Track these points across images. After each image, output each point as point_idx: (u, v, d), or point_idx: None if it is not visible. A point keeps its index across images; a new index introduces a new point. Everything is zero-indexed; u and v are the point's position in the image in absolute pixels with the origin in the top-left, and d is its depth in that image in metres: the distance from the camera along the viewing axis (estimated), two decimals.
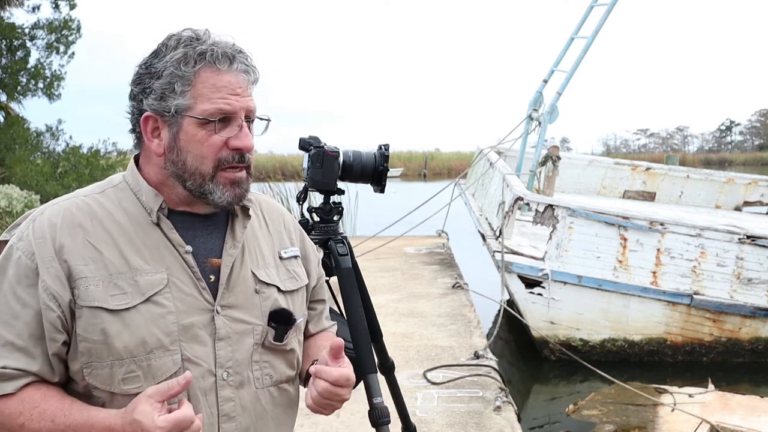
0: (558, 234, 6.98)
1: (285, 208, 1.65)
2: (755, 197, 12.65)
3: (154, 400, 1.20)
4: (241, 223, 1.44)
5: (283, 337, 1.43)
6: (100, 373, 1.27)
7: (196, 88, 1.32)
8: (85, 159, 16.10)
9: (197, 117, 1.32)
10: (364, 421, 2.03)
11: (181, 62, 1.32)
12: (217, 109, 1.32)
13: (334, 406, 1.40)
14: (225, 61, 1.33)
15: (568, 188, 12.35)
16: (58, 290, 1.26)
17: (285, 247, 1.53)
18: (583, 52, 9.60)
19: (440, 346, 5.68)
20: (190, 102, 1.32)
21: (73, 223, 1.31)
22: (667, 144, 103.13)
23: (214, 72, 1.32)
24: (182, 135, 1.34)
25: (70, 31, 18.46)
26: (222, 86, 1.33)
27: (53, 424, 1.24)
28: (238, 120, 1.35)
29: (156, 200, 1.36)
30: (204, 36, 1.35)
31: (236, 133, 1.34)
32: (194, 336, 1.32)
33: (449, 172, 46.21)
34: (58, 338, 1.27)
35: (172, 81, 1.32)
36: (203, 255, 1.38)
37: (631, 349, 7.27)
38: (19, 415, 1.24)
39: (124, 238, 1.33)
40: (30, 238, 1.30)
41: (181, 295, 1.33)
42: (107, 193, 1.39)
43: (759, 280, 6.95)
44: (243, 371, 1.37)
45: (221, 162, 1.34)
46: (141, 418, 1.19)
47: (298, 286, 1.51)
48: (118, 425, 1.21)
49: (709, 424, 4.96)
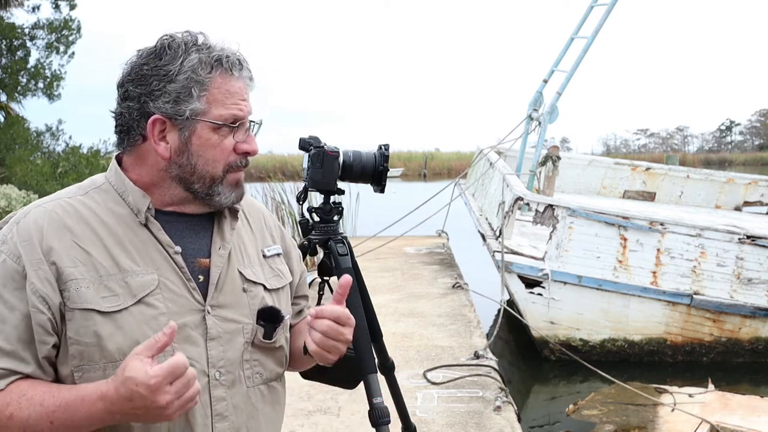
0: (558, 234, 6.98)
1: (264, 206, 1.68)
2: (755, 197, 12.65)
3: (143, 356, 1.17)
4: (229, 224, 1.45)
5: (272, 334, 1.43)
6: (91, 375, 1.25)
7: (211, 93, 1.34)
8: (85, 159, 16.11)
9: (212, 122, 1.34)
10: (364, 421, 2.03)
11: (197, 67, 1.33)
12: (232, 114, 1.36)
13: (338, 347, 1.39)
14: (237, 67, 1.37)
15: (568, 188, 12.35)
16: (48, 292, 1.24)
17: (267, 245, 1.54)
18: (583, 52, 9.60)
19: (440, 346, 5.68)
20: (205, 107, 1.34)
21: (60, 225, 1.30)
22: (667, 144, 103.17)
23: (227, 78, 1.36)
24: (195, 139, 1.35)
25: (70, 32, 18.49)
26: (234, 92, 1.36)
27: (42, 408, 1.21)
28: (246, 125, 1.39)
29: (143, 201, 1.35)
30: (209, 40, 1.37)
31: (246, 138, 1.39)
32: (187, 336, 1.32)
33: (449, 172, 46.24)
34: (48, 341, 1.25)
35: (189, 85, 1.33)
36: (191, 255, 1.38)
37: (631, 349, 7.27)
38: (7, 406, 1.21)
39: (111, 240, 1.31)
40: (15, 241, 1.27)
41: (172, 295, 1.32)
42: (90, 194, 1.37)
43: (759, 280, 6.95)
44: (234, 370, 1.37)
45: (230, 166, 1.38)
46: (133, 374, 1.15)
47: (283, 283, 1.52)
48: (111, 390, 1.18)
49: (709, 424, 4.96)
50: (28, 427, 1.21)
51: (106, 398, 1.18)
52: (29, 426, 1.21)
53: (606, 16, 9.44)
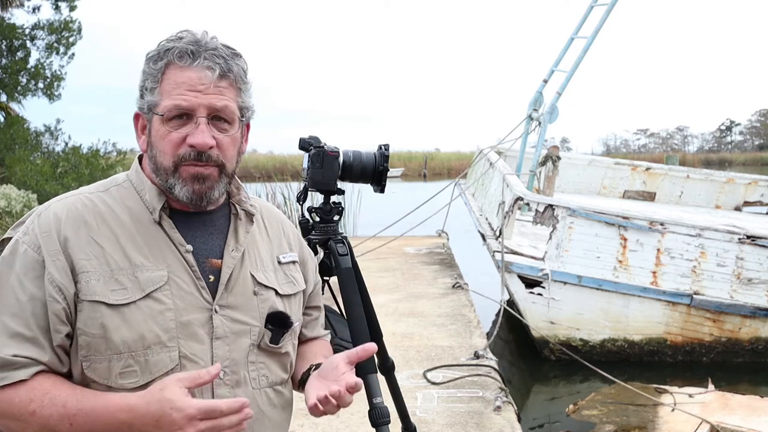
0: (558, 234, 6.98)
1: (284, 215, 1.66)
2: (755, 197, 12.64)
3: (182, 385, 1.21)
4: (244, 227, 1.45)
5: (279, 339, 1.43)
6: (98, 366, 1.28)
7: (162, 85, 1.34)
8: (85, 159, 16.10)
9: (158, 113, 1.34)
10: (364, 421, 2.03)
11: (150, 60, 1.35)
12: (174, 105, 1.32)
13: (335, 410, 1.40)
14: (186, 57, 1.33)
15: (568, 188, 12.34)
16: (65, 283, 1.27)
17: (284, 252, 1.54)
18: (583, 52, 9.60)
19: (440, 346, 5.68)
20: (157, 99, 1.34)
21: (78, 219, 1.33)
22: (667, 144, 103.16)
23: (177, 69, 1.33)
24: (153, 131, 1.37)
25: (71, 33, 18.47)
26: (182, 82, 1.33)
27: (65, 409, 1.23)
28: (197, 116, 1.33)
29: (159, 199, 1.38)
30: (184, 34, 1.37)
31: (192, 131, 1.33)
32: (192, 334, 1.33)
33: (449, 172, 46.20)
34: (62, 330, 1.27)
35: (145, 79, 1.36)
36: (203, 255, 1.39)
37: (631, 349, 7.26)
38: (30, 402, 1.23)
39: (126, 236, 1.34)
40: (36, 232, 1.31)
41: (181, 292, 1.33)
42: (111, 191, 1.40)
43: (759, 280, 6.95)
44: (239, 371, 1.38)
45: (181, 158, 1.34)
46: (173, 397, 1.19)
47: (296, 290, 1.52)
48: (141, 405, 1.21)
49: (709, 424, 4.96)
50: (48, 426, 1.23)
51: (133, 411, 1.21)
52: (49, 425, 1.23)
53: (606, 16, 9.43)
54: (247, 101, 1.42)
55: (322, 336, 1.68)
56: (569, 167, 12.39)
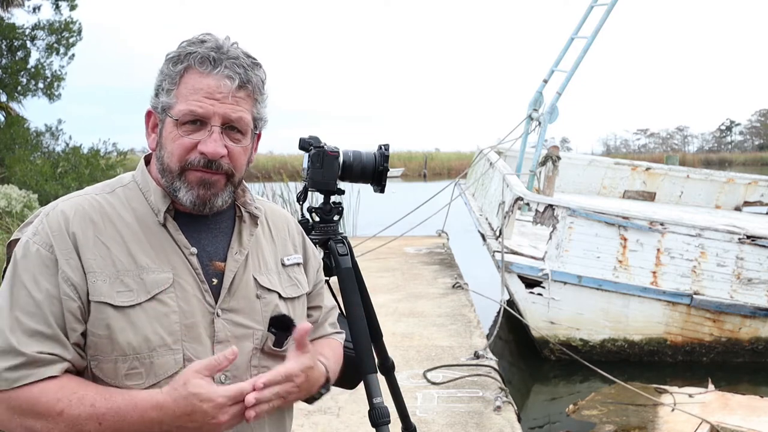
0: (558, 234, 6.98)
1: (290, 215, 1.65)
2: (755, 197, 12.64)
3: (203, 375, 1.21)
4: (248, 230, 1.45)
5: (282, 343, 1.43)
6: (105, 366, 1.28)
7: (179, 89, 1.34)
8: (85, 159, 16.10)
9: (172, 116, 1.34)
10: (364, 421, 2.03)
11: (170, 61, 1.35)
12: (189, 110, 1.32)
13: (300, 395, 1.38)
14: (207, 64, 1.33)
15: (568, 188, 12.34)
16: (78, 281, 1.27)
17: (288, 254, 1.53)
18: (583, 52, 9.60)
19: (440, 346, 5.68)
20: (173, 101, 1.34)
21: (85, 219, 1.33)
22: (667, 144, 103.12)
23: (197, 74, 1.33)
24: (165, 132, 1.37)
25: (71, 33, 18.48)
26: (200, 89, 1.32)
27: (93, 409, 1.22)
28: (211, 125, 1.33)
29: (164, 201, 1.38)
30: (207, 38, 1.36)
31: (204, 138, 1.33)
32: (196, 336, 1.33)
33: (449, 172, 46.19)
34: (77, 328, 1.27)
35: (163, 79, 1.36)
36: (207, 257, 1.39)
37: (631, 349, 7.26)
38: (57, 401, 1.22)
39: (132, 237, 1.34)
40: (47, 231, 1.31)
41: (186, 295, 1.33)
42: (117, 192, 1.40)
43: (759, 280, 6.95)
44: (241, 375, 1.37)
45: (188, 163, 1.34)
46: (199, 390, 1.20)
47: (300, 293, 1.52)
48: (169, 402, 1.21)
49: (709, 424, 4.96)
50: (76, 426, 1.22)
51: (162, 409, 1.22)
52: (78, 425, 1.22)
53: (606, 16, 9.43)
54: (262, 112, 1.41)
55: (328, 335, 1.66)
56: (569, 167, 12.39)
